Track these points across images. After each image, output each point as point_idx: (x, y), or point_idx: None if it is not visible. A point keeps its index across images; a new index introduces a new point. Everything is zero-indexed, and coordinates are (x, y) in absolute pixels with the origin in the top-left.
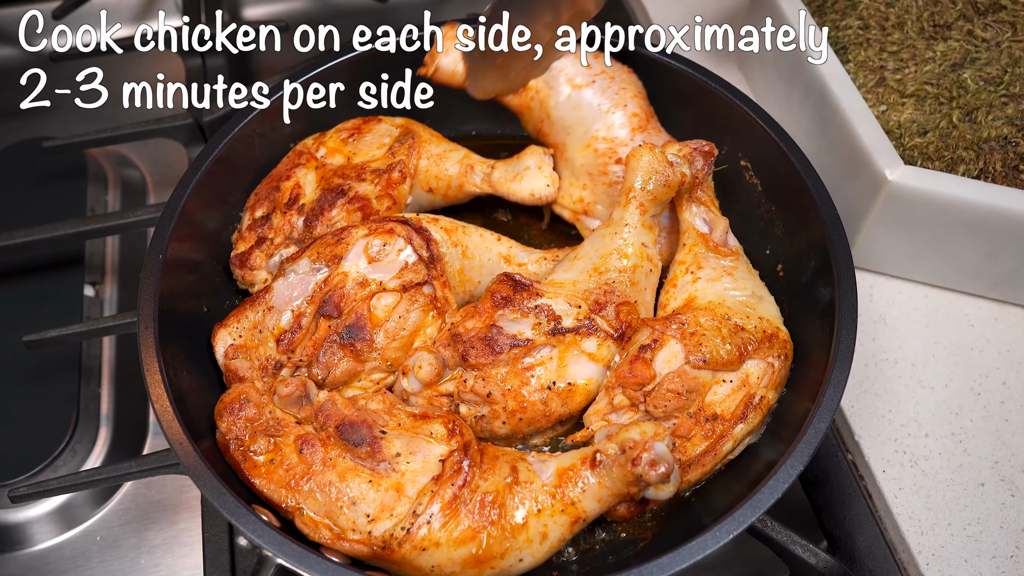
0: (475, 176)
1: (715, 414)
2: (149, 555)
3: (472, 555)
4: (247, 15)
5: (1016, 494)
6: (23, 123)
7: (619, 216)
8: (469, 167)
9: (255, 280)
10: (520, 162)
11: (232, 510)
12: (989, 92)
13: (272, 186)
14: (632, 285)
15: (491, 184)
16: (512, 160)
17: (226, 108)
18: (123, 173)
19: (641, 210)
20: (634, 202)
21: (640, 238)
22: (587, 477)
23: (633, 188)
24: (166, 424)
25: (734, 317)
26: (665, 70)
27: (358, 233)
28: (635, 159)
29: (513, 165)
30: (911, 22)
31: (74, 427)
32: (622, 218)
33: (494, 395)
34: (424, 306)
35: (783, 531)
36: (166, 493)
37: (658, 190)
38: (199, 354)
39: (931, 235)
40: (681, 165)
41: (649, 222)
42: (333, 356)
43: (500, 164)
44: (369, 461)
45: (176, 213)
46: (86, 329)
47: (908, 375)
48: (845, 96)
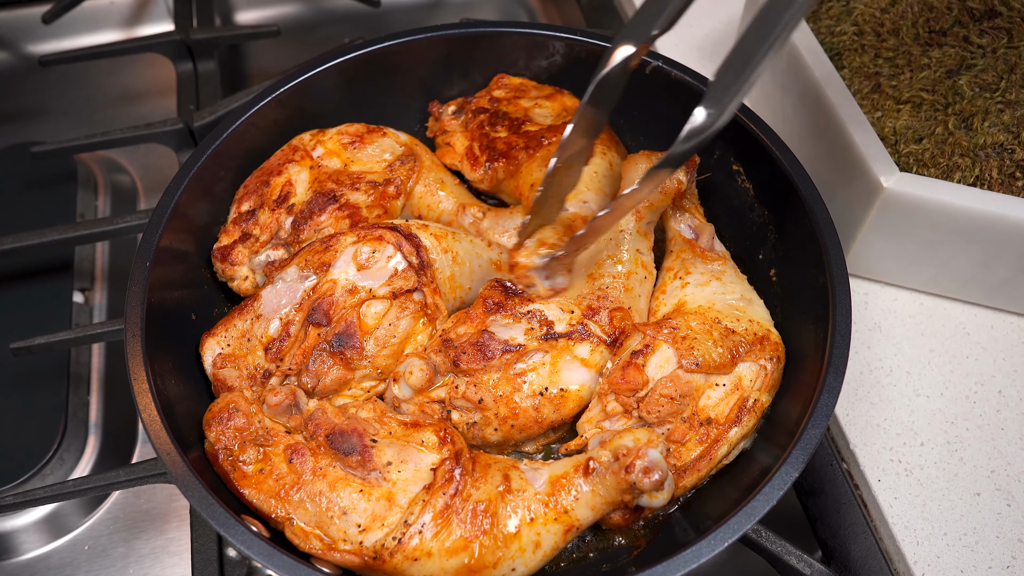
0: (465, 218)
1: (709, 418)
2: (138, 564)
3: (464, 565)
4: (239, 19)
5: (1012, 504)
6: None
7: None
8: (462, 207)
9: (235, 276)
10: (511, 219)
11: (221, 521)
12: (985, 99)
13: (262, 180)
14: (626, 291)
15: (479, 230)
16: (503, 213)
17: (217, 113)
18: (113, 178)
19: (637, 217)
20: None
21: (635, 244)
22: (580, 485)
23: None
24: (154, 434)
25: (724, 320)
26: (657, 74)
27: (347, 240)
28: (631, 167)
29: (503, 220)
30: (906, 28)
31: (62, 435)
32: (618, 225)
33: (486, 401)
34: (414, 313)
35: (777, 541)
36: (155, 502)
37: (654, 197)
38: (187, 363)
39: (927, 242)
40: (677, 172)
41: (644, 229)
42: (323, 364)
43: (492, 213)
44: (360, 470)
45: (164, 219)
46: (74, 336)
47: (903, 383)
48: (840, 102)
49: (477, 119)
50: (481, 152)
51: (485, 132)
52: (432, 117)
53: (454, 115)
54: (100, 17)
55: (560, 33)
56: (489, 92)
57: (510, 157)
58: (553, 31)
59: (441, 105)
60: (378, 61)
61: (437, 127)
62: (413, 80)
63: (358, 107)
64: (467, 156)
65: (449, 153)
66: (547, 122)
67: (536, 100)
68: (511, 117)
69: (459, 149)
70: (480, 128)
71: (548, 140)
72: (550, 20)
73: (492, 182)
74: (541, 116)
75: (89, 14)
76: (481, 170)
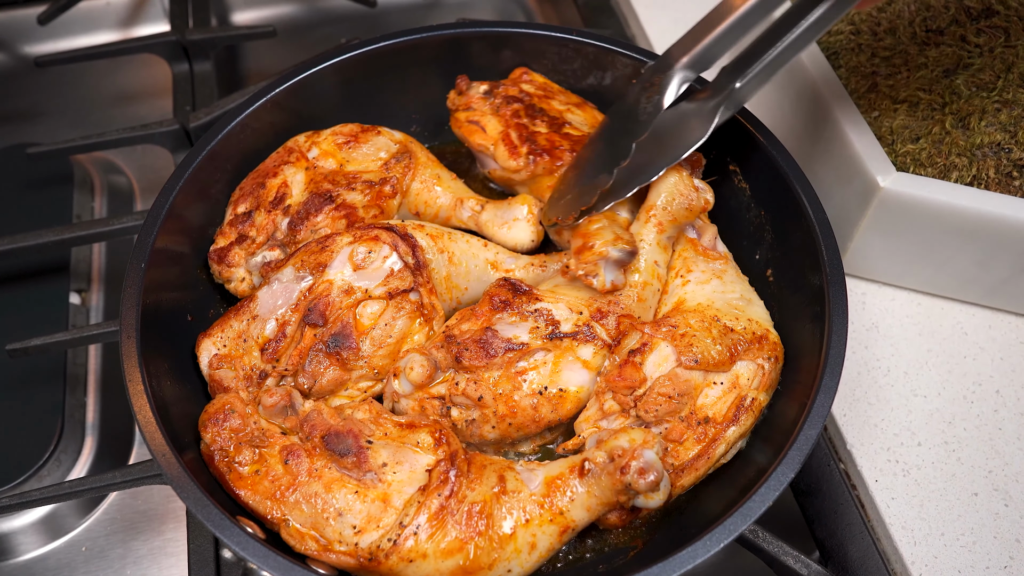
0: (463, 212)
1: (707, 417)
2: (135, 566)
3: (460, 566)
4: (235, 20)
5: (1010, 504)
6: (8, 129)
7: (635, 232)
8: (460, 201)
9: (232, 277)
10: (509, 210)
11: (216, 522)
12: (982, 98)
13: (258, 182)
14: (639, 301)
15: (478, 223)
16: (502, 205)
17: (213, 114)
18: (109, 179)
19: (659, 229)
20: (653, 220)
21: (654, 256)
22: (575, 486)
23: (655, 207)
24: (149, 435)
25: (723, 319)
26: None
27: (343, 241)
28: (660, 178)
29: (502, 211)
30: (903, 27)
31: (59, 436)
32: (639, 234)
33: (485, 399)
34: (411, 313)
35: (775, 542)
36: (152, 503)
37: (679, 212)
38: (183, 364)
39: (924, 242)
40: (706, 191)
41: (664, 242)
42: (319, 365)
43: (490, 206)
44: (355, 471)
45: (159, 221)
46: (70, 337)
47: (901, 383)
48: (837, 102)
49: (511, 107)
50: (521, 142)
51: (523, 123)
52: (456, 90)
53: (484, 95)
54: (96, 18)
55: (560, 33)
56: (517, 84)
57: (554, 155)
58: (552, 31)
59: (470, 81)
60: (375, 61)
61: (461, 101)
62: (410, 81)
63: (354, 108)
64: (503, 141)
65: (477, 133)
66: (584, 129)
67: (568, 105)
68: (549, 115)
69: (492, 132)
70: (516, 117)
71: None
72: (547, 20)
73: (529, 174)
74: (578, 122)
75: (85, 15)
76: (522, 160)
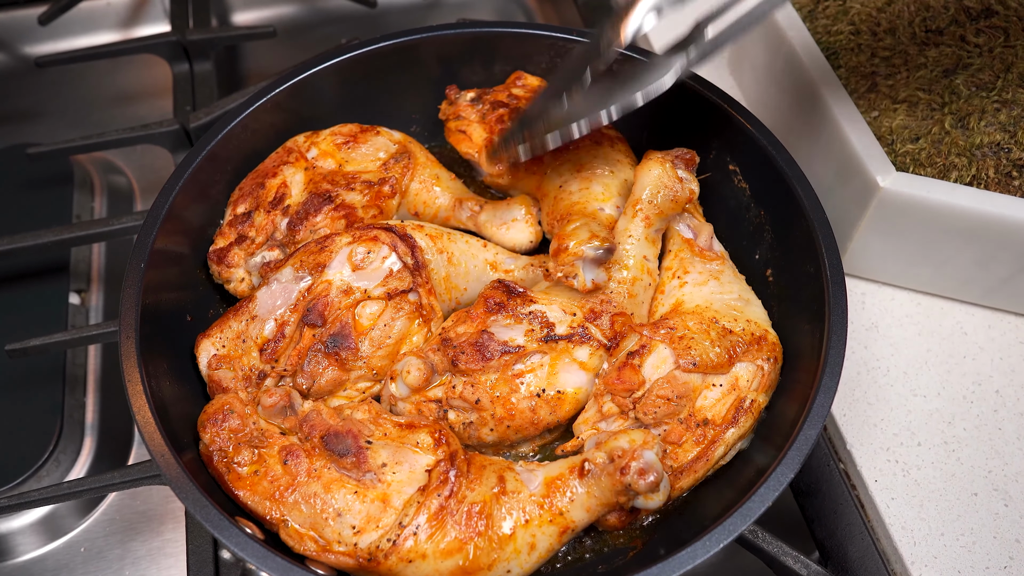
0: (462, 212)
1: (706, 419)
2: (133, 566)
3: (459, 567)
4: (235, 20)
5: (1009, 504)
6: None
7: (623, 227)
8: (459, 202)
9: (231, 278)
10: (508, 211)
11: (215, 523)
12: (982, 98)
13: (257, 182)
14: (630, 297)
15: (477, 224)
16: (501, 205)
17: (213, 114)
18: (109, 179)
19: (646, 223)
20: (640, 214)
21: (642, 251)
22: (575, 487)
23: (640, 200)
24: (148, 436)
25: (722, 320)
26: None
27: (342, 241)
28: (644, 172)
29: (501, 212)
30: (903, 27)
31: (58, 437)
32: (626, 229)
33: (483, 402)
34: (409, 314)
35: (774, 542)
36: (151, 503)
37: (665, 204)
38: (182, 364)
39: (923, 242)
40: (690, 182)
41: (652, 236)
42: (318, 365)
43: (489, 206)
44: (354, 472)
45: (158, 221)
46: (69, 338)
47: (900, 383)
48: (836, 102)
49: (496, 112)
50: None
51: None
52: (447, 100)
53: (471, 103)
54: (96, 18)
55: (559, 34)
56: (508, 88)
57: (535, 158)
58: (552, 31)
59: (459, 90)
60: (375, 62)
61: (451, 111)
62: (409, 81)
63: (354, 108)
64: (487, 148)
65: (464, 141)
66: None
67: None
68: None
69: (476, 140)
70: (500, 122)
71: (574, 146)
72: (547, 20)
73: (511, 179)
74: None
75: (85, 15)
76: (501, 165)
